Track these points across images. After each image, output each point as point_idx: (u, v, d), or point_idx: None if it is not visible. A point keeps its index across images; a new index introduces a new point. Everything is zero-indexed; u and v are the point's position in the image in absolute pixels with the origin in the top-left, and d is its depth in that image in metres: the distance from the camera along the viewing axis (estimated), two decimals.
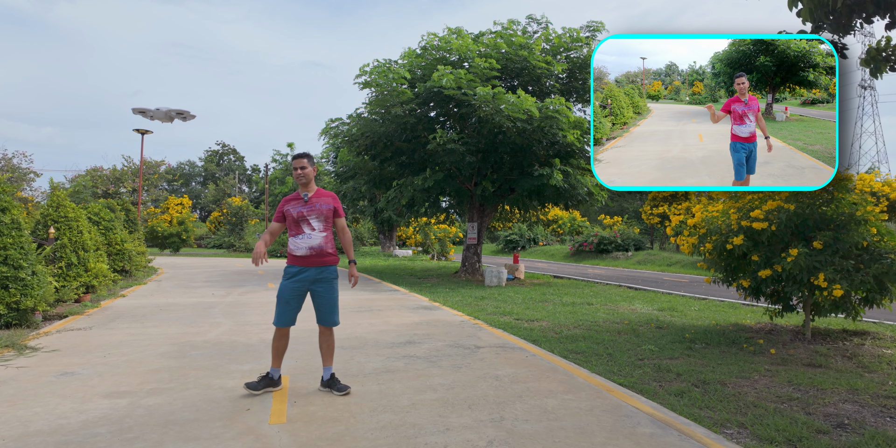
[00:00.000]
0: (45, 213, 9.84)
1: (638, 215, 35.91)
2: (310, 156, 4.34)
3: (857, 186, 6.90)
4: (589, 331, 7.04)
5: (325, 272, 4.26)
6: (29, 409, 3.85)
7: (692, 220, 6.94)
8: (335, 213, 4.34)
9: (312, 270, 4.23)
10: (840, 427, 3.66)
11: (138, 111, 20.46)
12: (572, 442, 3.31)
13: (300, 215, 4.24)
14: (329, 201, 4.32)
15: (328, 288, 4.27)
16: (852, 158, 53.07)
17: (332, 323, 4.33)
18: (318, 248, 4.23)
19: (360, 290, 12.22)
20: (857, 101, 55.41)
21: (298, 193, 4.34)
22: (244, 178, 75.14)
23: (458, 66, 14.02)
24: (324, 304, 4.28)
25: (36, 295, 6.92)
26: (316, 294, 4.27)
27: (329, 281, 4.27)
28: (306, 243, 4.21)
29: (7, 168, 27.69)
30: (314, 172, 4.33)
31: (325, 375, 4.35)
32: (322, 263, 4.25)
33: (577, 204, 15.75)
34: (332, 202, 4.33)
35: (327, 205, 4.30)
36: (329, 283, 4.27)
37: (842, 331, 6.64)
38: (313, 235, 4.23)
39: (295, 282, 4.23)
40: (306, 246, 4.21)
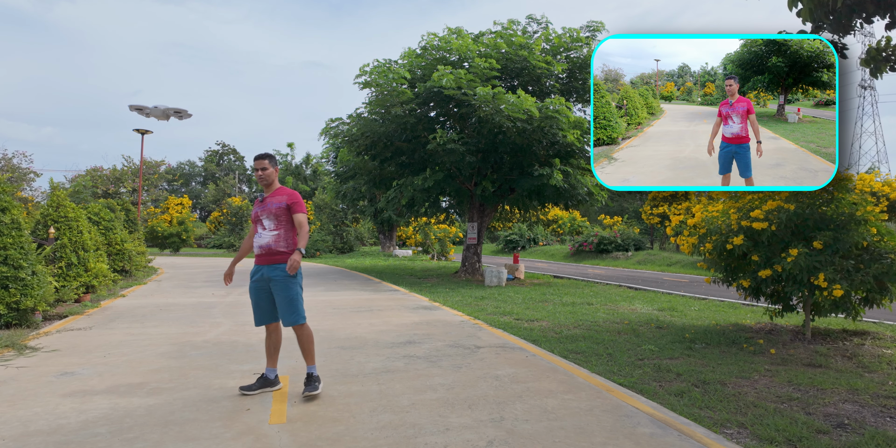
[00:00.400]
0: (45, 213, 9.84)
1: (638, 215, 35.91)
2: (271, 157, 4.37)
3: (857, 186, 6.90)
4: (589, 331, 7.04)
5: (276, 270, 4.22)
6: (29, 409, 3.85)
7: (692, 220, 6.94)
8: (290, 209, 4.30)
9: (265, 269, 4.25)
10: (840, 427, 3.66)
11: (135, 108, 20.46)
12: (572, 442, 3.31)
13: (256, 216, 4.34)
14: (282, 199, 4.30)
15: (281, 286, 4.21)
16: (852, 158, 53.06)
17: (291, 322, 4.23)
18: (266, 246, 4.25)
19: (360, 289, 12.22)
20: (857, 101, 55.42)
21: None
22: (244, 178, 75.12)
23: (458, 66, 14.02)
24: (280, 303, 4.22)
25: (36, 295, 6.92)
26: (273, 293, 4.26)
27: (281, 279, 4.20)
28: (258, 242, 4.28)
29: (7, 168, 27.69)
30: (276, 173, 4.38)
31: (308, 373, 4.33)
32: (272, 261, 4.24)
33: (577, 204, 15.75)
34: (284, 200, 4.30)
35: (278, 203, 4.29)
36: (281, 282, 4.20)
37: (842, 331, 6.64)
38: (264, 234, 4.28)
39: (254, 281, 4.29)
40: (258, 245, 4.28)
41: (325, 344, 6.08)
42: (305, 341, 4.31)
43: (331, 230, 35.68)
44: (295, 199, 4.34)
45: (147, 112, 20.40)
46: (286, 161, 43.42)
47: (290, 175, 42.25)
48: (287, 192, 4.38)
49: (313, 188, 41.79)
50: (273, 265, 4.24)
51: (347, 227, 36.13)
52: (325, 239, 33.33)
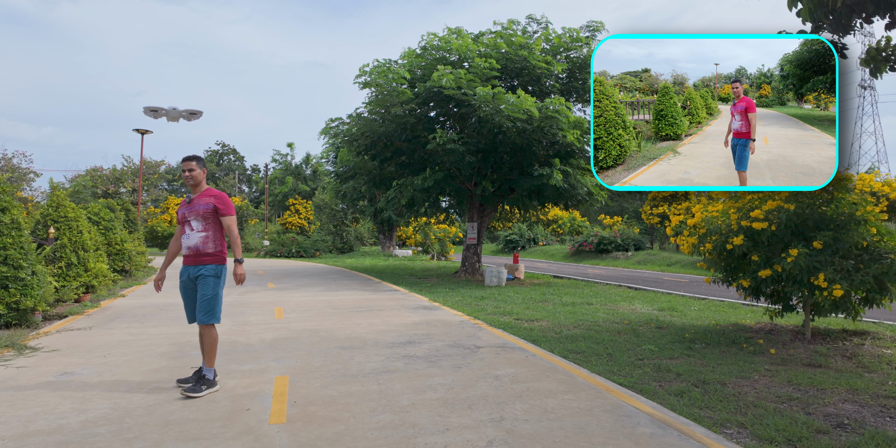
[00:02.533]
0: (45, 213, 9.84)
1: (638, 215, 35.90)
2: (199, 158, 4.43)
3: (856, 186, 6.89)
4: (589, 331, 7.03)
5: (200, 270, 4.27)
6: (29, 409, 3.85)
7: (692, 220, 6.93)
8: (218, 211, 4.33)
9: (191, 269, 4.31)
10: (840, 427, 3.66)
11: (150, 110, 20.29)
12: (572, 442, 3.31)
13: (183, 217, 4.37)
14: (209, 201, 4.33)
15: (201, 284, 4.26)
16: (852, 158, 53.01)
17: (204, 320, 4.24)
18: (194, 247, 4.29)
19: (360, 289, 12.22)
20: (857, 101, 55.40)
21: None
22: (244, 178, 75.12)
23: (458, 66, 14.01)
24: (199, 300, 4.26)
25: (36, 295, 6.92)
26: (195, 291, 4.32)
27: (204, 278, 4.26)
28: (186, 243, 4.32)
29: (7, 168, 27.68)
30: (203, 174, 4.43)
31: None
32: (198, 262, 4.29)
33: (576, 204, 15.74)
34: (212, 201, 4.33)
35: (206, 204, 4.32)
36: (203, 280, 4.26)
37: (842, 331, 6.64)
38: (191, 235, 4.30)
39: (182, 281, 4.36)
40: (186, 246, 4.32)
41: (325, 344, 6.08)
42: (210, 342, 4.30)
43: (331, 230, 35.68)
44: (223, 201, 4.37)
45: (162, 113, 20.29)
46: (286, 161, 43.39)
47: (290, 175, 42.23)
48: (215, 193, 4.40)
49: (313, 188, 41.80)
50: (199, 266, 4.29)
51: (347, 227, 36.14)
52: (325, 239, 33.33)
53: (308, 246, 31.25)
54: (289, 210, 38.80)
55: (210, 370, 4.28)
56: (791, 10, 4.42)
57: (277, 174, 42.71)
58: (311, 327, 7.17)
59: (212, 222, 4.32)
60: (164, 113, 20.25)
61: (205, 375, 4.25)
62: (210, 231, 4.31)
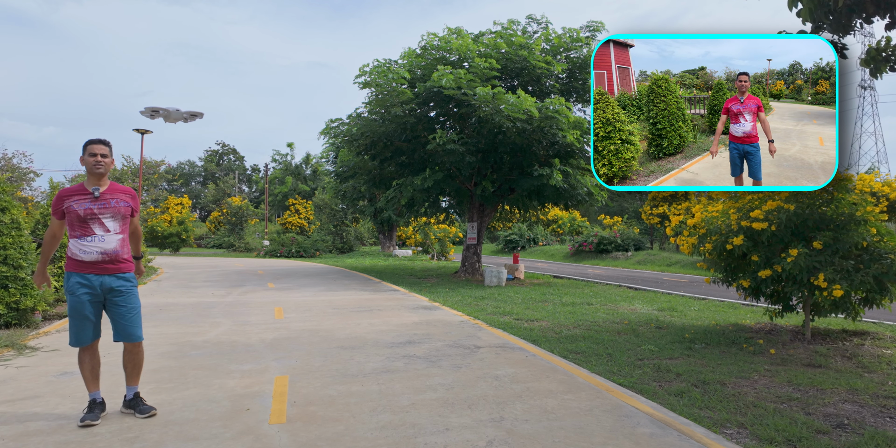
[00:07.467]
0: (45, 213, 9.84)
1: (638, 215, 35.90)
2: (110, 144, 3.80)
3: (856, 186, 6.89)
4: (589, 331, 7.04)
5: (123, 280, 3.73)
6: (29, 409, 3.85)
7: (692, 220, 6.93)
8: (132, 212, 3.84)
9: (107, 278, 3.67)
10: (840, 427, 3.66)
11: (151, 110, 20.17)
12: (572, 442, 3.31)
13: (89, 213, 3.62)
14: (128, 199, 3.79)
15: (128, 298, 3.74)
16: (852, 158, 53.03)
17: (136, 338, 3.80)
18: (112, 252, 3.66)
19: (360, 289, 12.22)
20: (857, 101, 55.40)
21: (83, 186, 3.72)
22: (244, 178, 75.15)
23: (458, 66, 14.01)
24: (124, 316, 3.74)
25: (36, 295, 6.92)
26: (114, 304, 3.73)
27: (129, 290, 3.75)
28: (98, 247, 3.62)
29: (7, 168, 27.69)
30: (112, 164, 3.81)
31: (127, 395, 3.83)
32: (118, 270, 3.70)
33: (576, 204, 15.74)
34: (129, 200, 3.80)
35: (125, 202, 3.76)
36: (129, 293, 3.75)
37: (842, 331, 6.64)
38: (107, 238, 3.65)
39: (88, 293, 3.65)
40: (98, 250, 3.62)
41: (325, 344, 6.08)
42: (141, 359, 3.88)
43: (330, 230, 35.68)
44: (137, 200, 3.90)
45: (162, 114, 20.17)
46: (286, 161, 43.37)
47: (289, 175, 42.21)
48: (126, 189, 3.86)
49: (313, 188, 41.78)
50: (119, 274, 3.71)
51: (347, 226, 36.14)
52: (324, 239, 33.33)
53: (308, 246, 31.25)
54: (289, 210, 38.81)
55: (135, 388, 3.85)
56: (791, 11, 4.42)
57: (277, 174, 42.69)
58: (311, 327, 7.17)
59: (127, 223, 3.79)
60: (163, 114, 20.18)
61: (138, 393, 3.84)
62: (126, 233, 3.77)
